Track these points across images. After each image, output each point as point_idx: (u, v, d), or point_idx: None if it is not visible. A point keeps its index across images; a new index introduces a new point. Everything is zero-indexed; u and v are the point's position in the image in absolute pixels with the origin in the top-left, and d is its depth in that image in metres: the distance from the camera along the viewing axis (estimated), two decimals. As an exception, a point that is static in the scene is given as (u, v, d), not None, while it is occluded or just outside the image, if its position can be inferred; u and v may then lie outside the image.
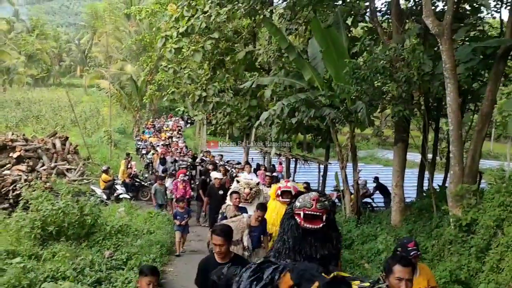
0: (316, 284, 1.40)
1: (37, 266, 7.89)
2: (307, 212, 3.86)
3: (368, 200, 17.31)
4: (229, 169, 19.65)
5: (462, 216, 8.89)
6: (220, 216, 8.51)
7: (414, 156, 21.10)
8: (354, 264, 9.90)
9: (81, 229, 9.67)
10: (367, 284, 2.50)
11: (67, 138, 22.71)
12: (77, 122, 26.52)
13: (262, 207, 7.42)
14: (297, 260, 3.33)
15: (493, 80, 9.99)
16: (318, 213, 3.87)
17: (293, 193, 7.52)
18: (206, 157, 22.70)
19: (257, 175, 14.92)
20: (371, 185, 18.06)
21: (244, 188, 8.93)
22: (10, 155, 18.36)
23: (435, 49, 12.12)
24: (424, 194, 14.12)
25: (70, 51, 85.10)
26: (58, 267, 7.66)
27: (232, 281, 2.68)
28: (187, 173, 17.44)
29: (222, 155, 24.03)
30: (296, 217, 3.90)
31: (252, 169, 16.20)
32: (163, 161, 20.64)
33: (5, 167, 17.54)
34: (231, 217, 7.84)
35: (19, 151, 18.62)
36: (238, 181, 9.49)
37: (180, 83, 24.60)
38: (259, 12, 15.99)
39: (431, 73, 11.00)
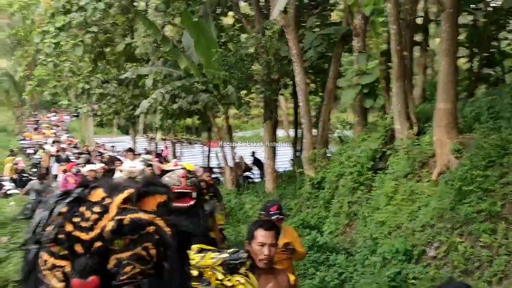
0: (130, 190, 1.35)
1: None
2: (176, 190, 3.75)
3: (248, 174, 19.04)
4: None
5: (314, 176, 10.77)
6: None
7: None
8: (232, 227, 11.43)
9: (-28, 221, 10.27)
10: (225, 255, 2.24)
11: None
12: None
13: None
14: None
15: (335, 61, 11.93)
16: (188, 190, 3.77)
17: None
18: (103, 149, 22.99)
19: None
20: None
21: (128, 178, 8.90)
22: None
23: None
24: (293, 163, 16.05)
25: None
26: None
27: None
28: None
29: (113, 146, 24.64)
30: None
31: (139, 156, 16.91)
32: (58, 159, 20.43)
33: None
34: None
35: None
36: (121, 171, 9.02)
37: (61, 76, 24.67)
38: (131, 9, 16.88)
39: (288, 58, 12.75)
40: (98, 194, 1.35)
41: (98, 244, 1.24)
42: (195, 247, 2.26)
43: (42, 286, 1.29)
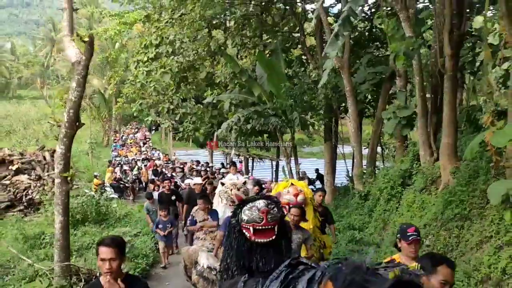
0: None
1: (76, 240, 11.68)
2: (257, 227, 3.09)
3: (311, 187, 21.53)
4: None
5: (362, 190, 13.20)
6: (190, 218, 8.20)
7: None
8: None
9: (98, 216, 13.50)
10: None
11: (54, 150, 26.13)
12: (57, 134, 29.72)
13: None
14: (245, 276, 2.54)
15: (383, 95, 14.31)
16: (269, 227, 3.18)
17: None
18: (196, 165, 25.80)
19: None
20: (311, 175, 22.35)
21: (231, 190, 8.21)
22: (9, 167, 21.79)
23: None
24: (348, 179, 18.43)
25: (28, 64, 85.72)
26: (92, 238, 11.48)
27: None
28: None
29: (198, 161, 27.82)
30: (245, 231, 3.14)
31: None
32: (155, 172, 23.75)
33: (5, 178, 20.96)
34: (200, 221, 7.73)
35: (17, 163, 22.04)
36: (223, 184, 8.84)
37: (144, 93, 28.11)
38: (217, 51, 20.05)
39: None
40: None
41: None
42: None
43: None
